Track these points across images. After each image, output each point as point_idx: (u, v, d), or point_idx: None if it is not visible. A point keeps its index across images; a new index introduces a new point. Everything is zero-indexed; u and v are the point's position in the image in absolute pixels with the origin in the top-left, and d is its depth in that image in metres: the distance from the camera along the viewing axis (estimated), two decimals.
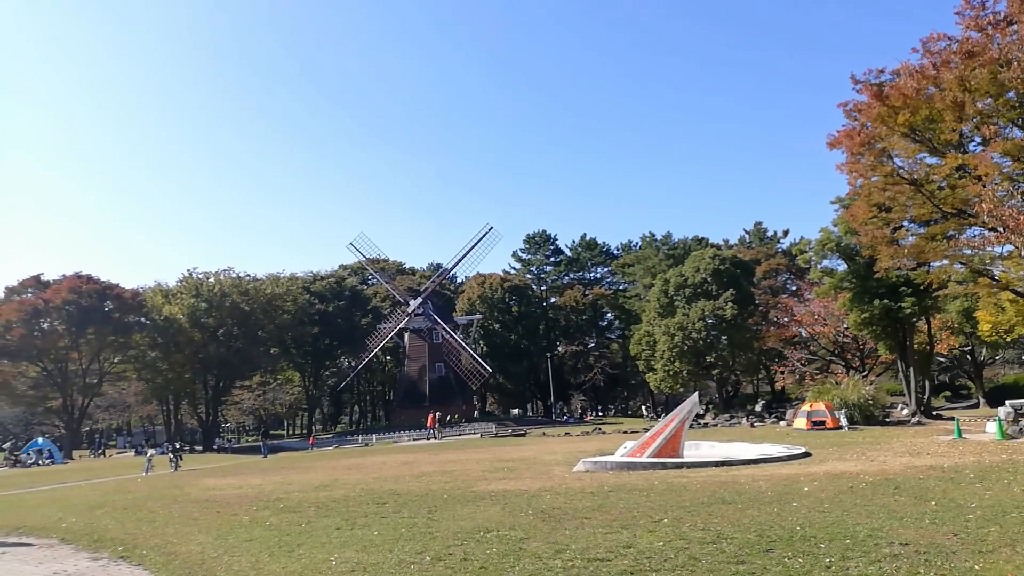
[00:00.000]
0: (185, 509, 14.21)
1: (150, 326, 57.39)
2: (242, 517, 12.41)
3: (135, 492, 18.91)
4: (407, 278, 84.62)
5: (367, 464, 25.14)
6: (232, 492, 17.22)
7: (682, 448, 19.56)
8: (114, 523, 12.79)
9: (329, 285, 78.82)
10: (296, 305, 65.83)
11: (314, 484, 17.81)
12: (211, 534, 10.77)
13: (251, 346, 60.97)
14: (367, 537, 9.52)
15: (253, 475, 23.40)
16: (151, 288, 61.81)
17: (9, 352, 53.30)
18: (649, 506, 10.98)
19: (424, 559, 7.85)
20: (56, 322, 54.97)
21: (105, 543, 10.76)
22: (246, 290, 60.50)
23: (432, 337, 67.64)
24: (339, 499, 14.02)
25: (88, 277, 56.99)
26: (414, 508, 12.06)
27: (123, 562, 9.35)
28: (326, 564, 7.91)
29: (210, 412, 62.13)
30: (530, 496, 12.85)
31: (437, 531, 9.63)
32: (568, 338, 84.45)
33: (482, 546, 8.42)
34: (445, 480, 16.68)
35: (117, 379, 62.41)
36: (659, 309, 53.73)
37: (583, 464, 18.28)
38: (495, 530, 9.43)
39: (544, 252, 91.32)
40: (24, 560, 9.95)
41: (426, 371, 67.24)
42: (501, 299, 78.52)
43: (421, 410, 63.14)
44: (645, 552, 7.63)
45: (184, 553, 9.36)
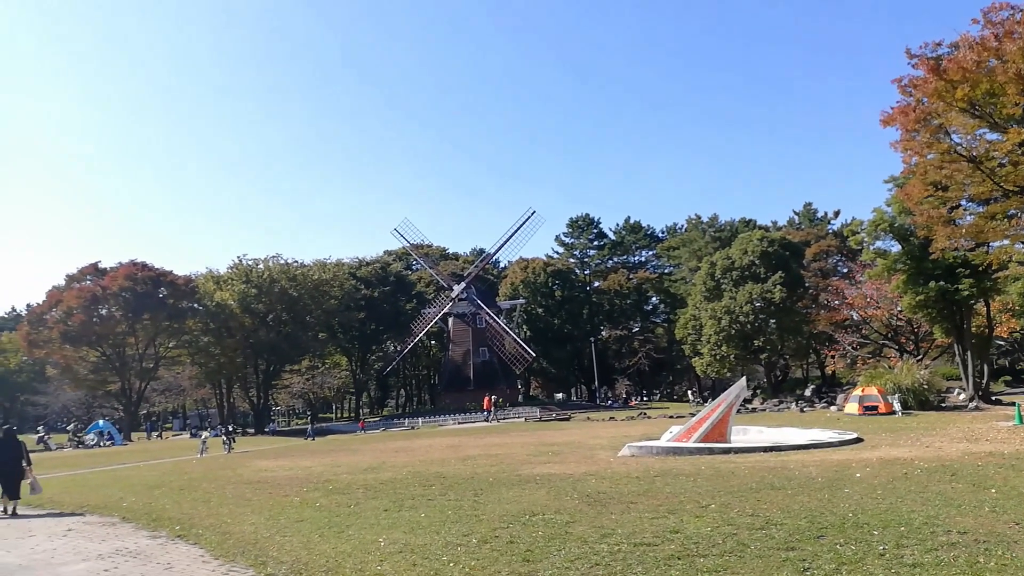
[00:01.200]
0: (238, 490, 14.59)
1: (202, 312, 58.91)
2: (293, 498, 12.70)
3: (191, 473, 19.50)
4: (450, 263, 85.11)
5: (413, 447, 25.48)
6: (283, 474, 17.63)
7: (729, 433, 19.33)
8: (171, 503, 13.21)
9: (374, 271, 79.77)
10: (343, 290, 66.84)
11: (362, 466, 18.12)
12: (263, 514, 11.04)
13: (299, 331, 62.13)
14: (414, 519, 9.65)
15: (303, 457, 23.92)
16: (203, 275, 63.41)
17: (71, 337, 55.35)
18: (696, 491, 10.88)
19: (471, 541, 7.92)
20: (114, 308, 56.88)
21: (163, 522, 11.12)
22: (294, 276, 61.61)
23: (476, 322, 68.01)
24: (386, 481, 14.23)
25: (143, 264, 58.73)
26: (460, 491, 12.18)
27: (180, 540, 9.65)
28: (375, 545, 8.04)
29: (261, 395, 63.64)
30: (575, 480, 12.85)
31: (483, 514, 9.70)
32: (612, 322, 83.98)
33: (528, 529, 8.45)
34: (490, 463, 16.79)
35: (172, 363, 64.32)
36: (705, 292, 53.03)
37: (628, 449, 18.21)
38: (541, 513, 9.46)
39: (587, 236, 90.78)
40: (89, 537, 10.35)
41: (470, 355, 67.71)
42: (544, 283, 78.43)
43: (465, 394, 63.71)
44: (692, 537, 7.57)
45: (238, 533, 9.61)
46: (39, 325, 57.75)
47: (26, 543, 10.18)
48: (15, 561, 8.86)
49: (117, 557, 8.77)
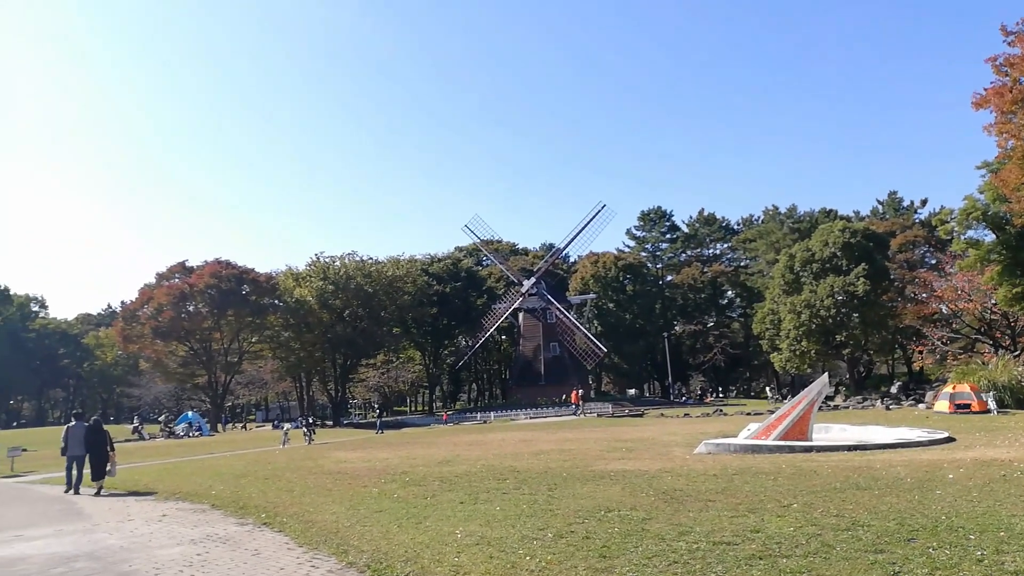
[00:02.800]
0: (319, 480, 15.04)
1: (283, 308, 61.01)
2: (371, 489, 13.00)
3: (274, 463, 20.20)
4: (520, 258, 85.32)
5: (486, 441, 25.69)
6: (361, 465, 18.06)
7: (811, 431, 18.71)
8: (257, 492, 13.72)
9: (446, 267, 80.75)
10: (415, 286, 68.02)
11: (437, 459, 18.38)
12: (344, 504, 11.34)
13: (374, 326, 63.59)
14: (490, 512, 9.72)
15: (379, 449, 24.45)
16: (283, 272, 65.65)
17: (161, 333, 58.27)
18: (777, 490, 10.59)
19: (546, 536, 7.92)
20: (200, 304, 59.54)
21: (250, 510, 11.57)
22: (369, 273, 63.08)
23: (546, 317, 67.96)
24: (461, 474, 14.40)
25: (227, 263, 61.21)
26: (534, 485, 12.20)
27: (266, 528, 10.02)
28: (451, 537, 8.15)
29: (338, 389, 65.45)
30: (650, 477, 12.70)
31: (558, 509, 9.69)
32: (686, 317, 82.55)
33: (603, 525, 8.40)
34: (563, 459, 16.77)
35: (255, 357, 66.85)
36: (784, 286, 51.50)
37: (704, 446, 17.87)
38: (616, 510, 9.39)
39: (659, 229, 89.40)
40: (182, 523, 10.88)
41: (541, 350, 67.73)
42: (615, 278, 77.70)
43: (536, 389, 63.79)
44: (774, 537, 7.36)
45: (320, 521, 9.91)
46: (132, 321, 61.02)
47: (126, 527, 10.78)
48: (117, 543, 9.39)
49: (208, 542, 9.19)
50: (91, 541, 9.65)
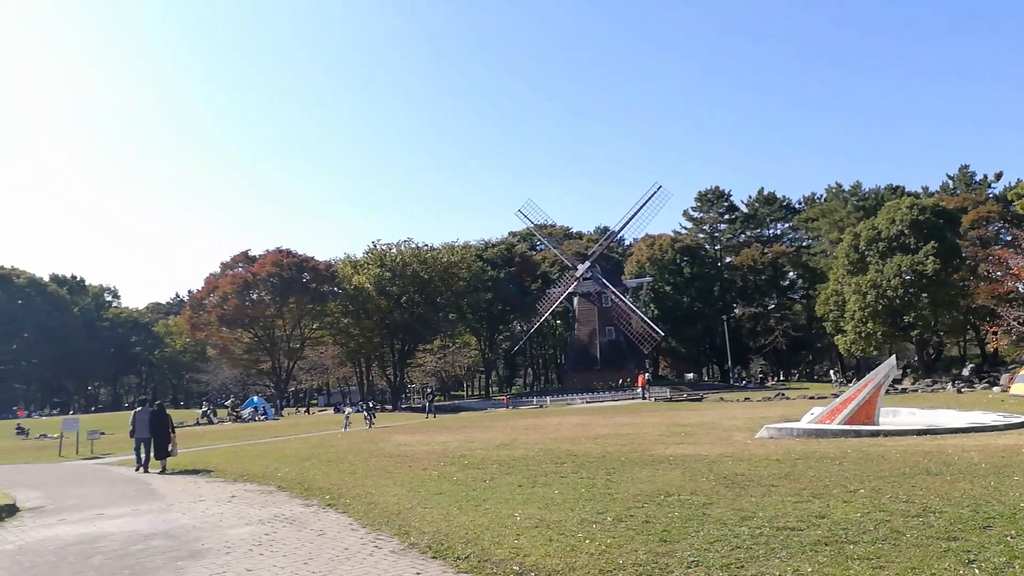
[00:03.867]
0: (380, 463, 15.33)
1: (342, 295, 62.24)
2: (431, 472, 13.19)
3: (337, 446, 20.68)
4: (574, 242, 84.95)
5: (543, 425, 25.76)
6: (421, 448, 18.34)
7: (877, 415, 18.16)
8: (321, 474, 14.07)
9: (500, 252, 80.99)
10: (470, 272, 68.43)
11: (495, 443, 18.52)
12: (404, 486, 11.54)
13: (431, 312, 64.28)
14: (548, 495, 9.75)
15: (438, 433, 24.78)
16: (341, 260, 66.87)
17: (227, 320, 60.19)
18: (842, 475, 10.31)
19: (605, 519, 7.90)
20: (263, 292, 61.23)
21: (314, 492, 11.88)
22: (424, 259, 63.72)
23: (601, 301, 67.56)
24: (519, 458, 14.47)
25: (288, 251, 62.71)
26: (592, 469, 12.18)
27: (330, 509, 10.28)
28: (511, 519, 8.20)
29: (397, 374, 66.52)
30: (710, 461, 12.52)
31: (616, 493, 9.65)
32: (745, 299, 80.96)
33: (663, 509, 8.33)
34: (621, 443, 16.68)
35: (316, 343, 68.45)
36: (848, 266, 49.97)
37: (766, 430, 17.53)
38: (676, 494, 9.30)
39: (717, 209, 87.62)
40: (250, 504, 11.25)
41: (596, 335, 67.41)
42: (672, 260, 76.66)
43: (592, 373, 63.60)
44: (840, 523, 7.17)
45: (382, 503, 10.11)
46: (199, 310, 63.21)
47: (198, 507, 11.21)
48: (190, 523, 9.78)
49: (275, 523, 9.48)
50: (166, 520, 10.07)
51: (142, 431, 17.95)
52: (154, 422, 17.77)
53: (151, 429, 17.67)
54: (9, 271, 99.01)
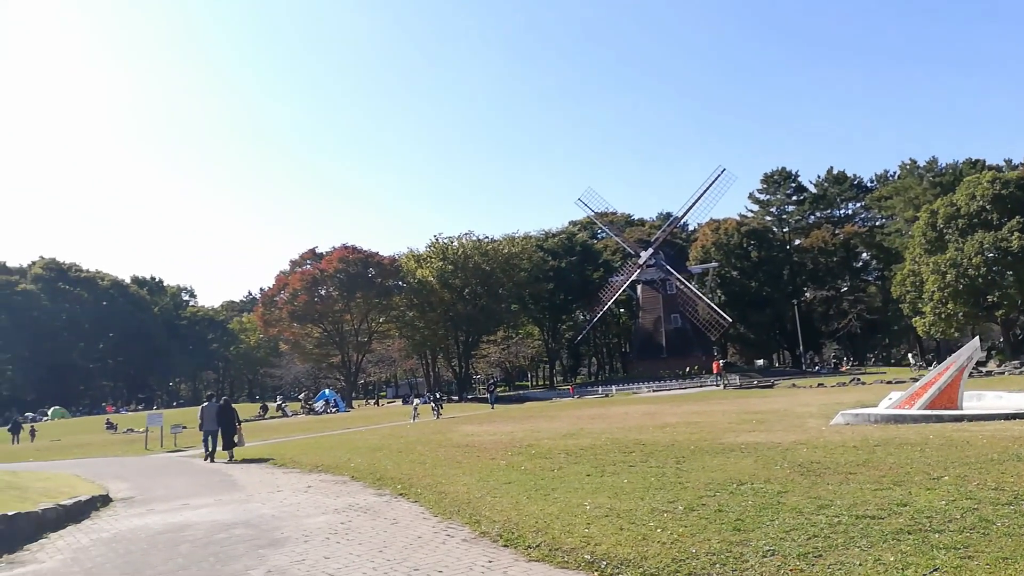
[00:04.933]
0: (449, 453, 15.53)
1: (406, 289, 63.30)
2: (499, 461, 13.28)
3: (406, 437, 21.05)
4: (636, 229, 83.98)
5: (609, 414, 25.60)
6: (488, 438, 18.49)
7: (961, 399, 17.33)
8: (392, 464, 14.35)
9: (560, 241, 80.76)
10: (531, 263, 68.51)
11: (561, 432, 18.51)
12: (473, 476, 11.66)
13: (493, 303, 64.73)
14: (617, 484, 9.69)
15: (504, 423, 24.92)
16: (404, 254, 67.92)
17: (297, 316, 61.99)
18: (924, 462, 9.90)
19: (677, 508, 7.81)
20: (331, 288, 62.76)
21: (386, 481, 12.13)
22: (486, 251, 64.12)
23: (666, 288, 66.67)
24: (586, 447, 14.43)
25: (353, 247, 64.05)
26: (661, 458, 12.04)
27: (402, 499, 10.48)
28: (580, 508, 8.19)
29: (462, 365, 67.27)
30: (784, 449, 12.21)
31: (687, 481, 9.52)
32: (816, 282, 78.60)
33: (736, 498, 8.17)
34: (690, 431, 16.44)
35: (383, 337, 69.79)
36: (926, 245, 47.90)
37: (842, 416, 16.98)
38: (749, 482, 9.10)
39: (785, 191, 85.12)
40: (325, 494, 11.58)
41: (661, 322, 66.61)
42: (738, 244, 74.98)
43: (658, 362, 62.89)
44: (923, 511, 6.89)
45: (452, 492, 10.24)
46: (271, 306, 65.24)
47: (276, 497, 11.60)
48: (269, 512, 10.13)
49: (350, 512, 9.73)
50: (246, 510, 10.45)
51: (209, 424, 19.48)
52: (221, 415, 19.41)
53: (218, 422, 19.32)
54: (94, 274, 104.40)
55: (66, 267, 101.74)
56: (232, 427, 19.54)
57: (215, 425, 19.46)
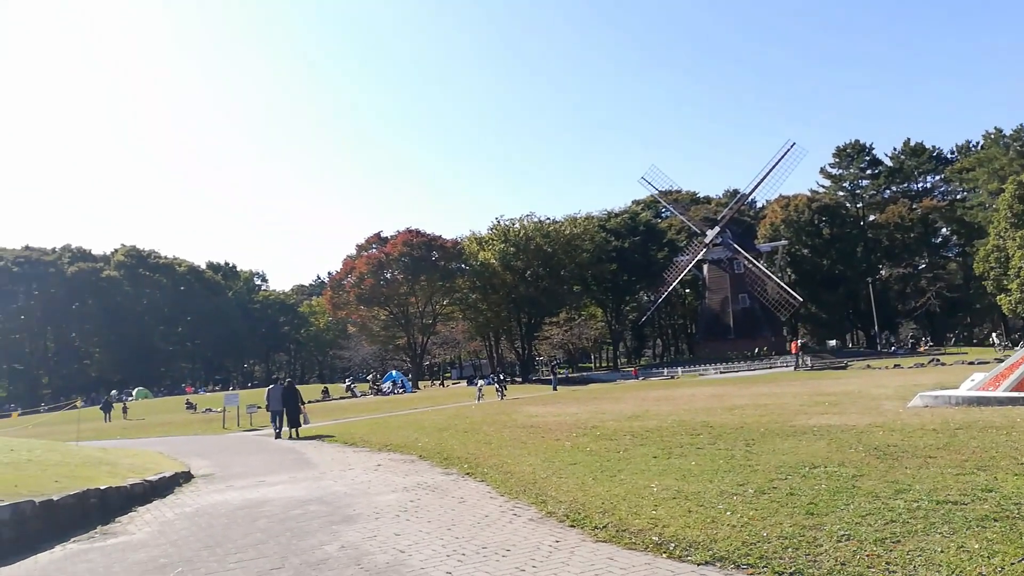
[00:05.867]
0: (514, 433, 15.65)
1: (469, 271, 63.82)
2: (564, 442, 13.31)
3: (471, 417, 21.32)
4: (702, 207, 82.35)
5: (675, 396, 25.32)
6: (552, 419, 18.55)
7: None
8: (458, 444, 14.56)
9: (623, 221, 79.88)
10: (593, 243, 67.94)
11: (626, 414, 18.42)
12: (539, 457, 11.72)
13: (555, 285, 64.56)
14: (684, 467, 9.59)
15: (568, 404, 24.96)
16: (467, 237, 68.36)
17: (364, 299, 63.36)
18: (1011, 446, 9.44)
19: (747, 491, 7.67)
20: (396, 272, 63.84)
21: (453, 461, 12.32)
22: (547, 233, 63.88)
23: (733, 267, 65.24)
24: (652, 429, 14.31)
25: (417, 231, 64.88)
26: (729, 440, 11.85)
27: (469, 478, 10.63)
28: (647, 490, 8.14)
29: (525, 346, 67.50)
30: (859, 432, 11.84)
31: (757, 464, 9.34)
32: (892, 260, 75.63)
33: (809, 481, 7.97)
34: (760, 413, 16.11)
35: (447, 319, 70.66)
36: (1012, 218, 45.53)
37: (920, 398, 16.33)
38: (822, 466, 8.87)
39: (858, 164, 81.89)
40: (394, 472, 11.85)
41: (729, 303, 65.30)
42: (809, 221, 72.69)
43: (726, 343, 61.76)
44: (1011, 497, 6.57)
45: (518, 473, 10.32)
46: (339, 290, 66.89)
47: (348, 475, 11.94)
48: (342, 489, 10.44)
49: (419, 490, 9.93)
50: (320, 487, 10.79)
51: (275, 404, 21.12)
52: (286, 396, 21.04)
53: (283, 402, 20.92)
54: (172, 261, 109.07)
55: (146, 254, 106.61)
56: (296, 407, 21.07)
57: (280, 405, 20.95)
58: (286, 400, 21.00)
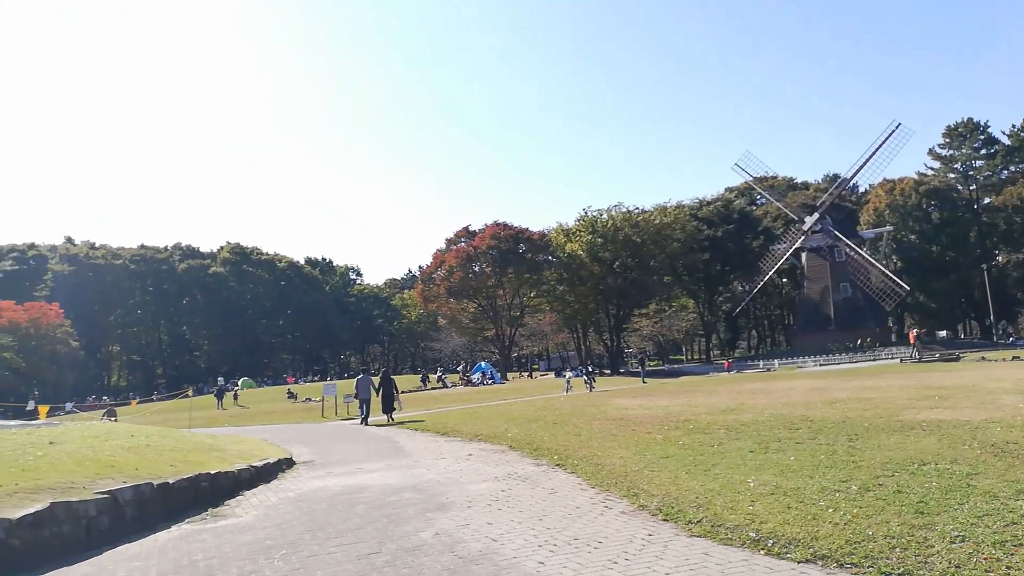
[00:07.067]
0: (604, 426, 15.54)
1: (556, 263, 63.77)
2: (655, 436, 13.10)
3: (560, 409, 21.29)
4: (800, 193, 79.25)
5: (772, 389, 24.46)
6: (643, 412, 18.29)
7: None
8: (547, 435, 14.58)
9: (716, 209, 77.81)
10: (684, 233, 66.41)
11: (719, 407, 17.95)
12: (629, 449, 11.59)
13: (645, 275, 63.54)
14: (783, 462, 9.27)
15: (659, 397, 24.54)
16: (554, 229, 68.26)
17: (454, 292, 64.45)
18: None
19: (850, 488, 7.34)
20: (484, 265, 64.58)
21: (543, 452, 12.35)
22: (636, 223, 62.95)
23: (833, 255, 62.50)
24: (747, 423, 13.90)
25: (504, 224, 65.34)
26: (831, 435, 11.36)
27: (559, 469, 10.63)
28: (744, 485, 7.92)
29: (613, 338, 66.90)
30: (973, 428, 11.11)
31: (861, 460, 8.92)
32: (1011, 245, 70.52)
33: (918, 479, 7.55)
34: (863, 407, 15.35)
35: (534, 311, 70.88)
36: None
37: None
38: (932, 463, 8.38)
39: (972, 144, 76.62)
40: (485, 462, 12.00)
41: (829, 292, 62.64)
42: (916, 206, 68.73)
43: (826, 334, 59.35)
44: None
45: (609, 465, 10.25)
46: (429, 283, 68.29)
47: (440, 464, 12.18)
48: (435, 478, 10.67)
49: (510, 480, 10.02)
50: (414, 475, 11.06)
51: (364, 393, 23.13)
52: (383, 384, 23.15)
53: (376, 390, 23.06)
54: (273, 256, 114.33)
55: (249, 250, 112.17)
56: (391, 394, 23.00)
57: (368, 394, 23.03)
58: (383, 388, 22.95)
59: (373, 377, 26.23)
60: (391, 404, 22.92)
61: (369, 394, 23.12)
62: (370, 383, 23.62)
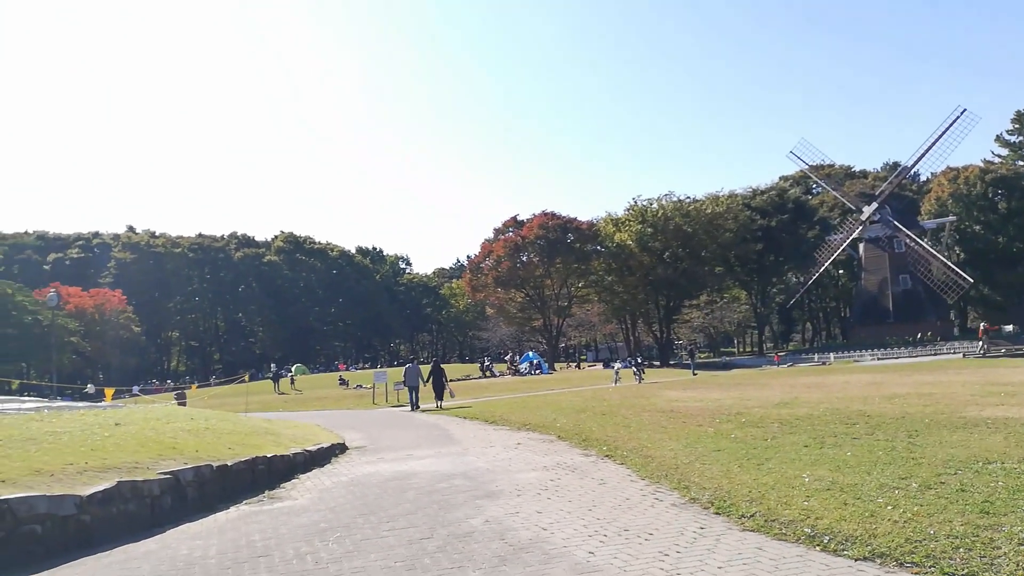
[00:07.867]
0: (653, 418, 15.43)
1: (605, 253, 63.34)
2: (707, 428, 12.96)
3: (608, 400, 21.23)
4: (857, 182, 76.99)
5: (827, 383, 23.95)
6: (693, 404, 18.11)
7: None
8: (596, 426, 14.55)
9: (770, 199, 76.15)
10: (737, 223, 65.09)
11: (773, 401, 17.65)
12: (680, 442, 11.48)
13: (696, 266, 62.57)
14: (839, 457, 9.06)
15: (710, 389, 24.27)
16: (602, 219, 67.72)
17: (501, 281, 64.68)
18: None
19: (910, 485, 7.13)
20: (532, 254, 64.62)
21: (591, 442, 12.33)
22: (687, 212, 61.97)
23: (892, 246, 60.63)
24: (802, 417, 13.63)
25: (552, 214, 65.18)
26: (889, 431, 11.06)
27: (608, 460, 10.60)
28: (798, 480, 7.76)
29: (663, 330, 66.18)
30: None
31: (921, 457, 8.66)
32: None
33: (983, 478, 7.29)
34: (923, 403, 14.90)
35: (582, 301, 70.63)
36: None
37: None
38: (998, 461, 8.08)
39: None
40: (534, 451, 12.04)
41: (887, 284, 60.83)
42: (982, 195, 66.06)
43: (884, 327, 57.75)
44: None
45: (658, 457, 10.17)
46: (477, 273, 68.65)
47: (489, 452, 12.27)
48: (484, 466, 10.75)
49: (558, 470, 10.03)
50: (463, 463, 11.17)
51: (412, 380, 24.09)
52: (433, 372, 24.65)
53: (427, 378, 24.46)
54: (325, 246, 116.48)
55: (302, 240, 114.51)
56: (441, 382, 24.40)
57: (416, 382, 24.02)
58: (433, 376, 24.41)
59: (422, 365, 27.19)
60: (442, 392, 24.37)
61: (418, 382, 24.14)
62: (419, 371, 24.65)
